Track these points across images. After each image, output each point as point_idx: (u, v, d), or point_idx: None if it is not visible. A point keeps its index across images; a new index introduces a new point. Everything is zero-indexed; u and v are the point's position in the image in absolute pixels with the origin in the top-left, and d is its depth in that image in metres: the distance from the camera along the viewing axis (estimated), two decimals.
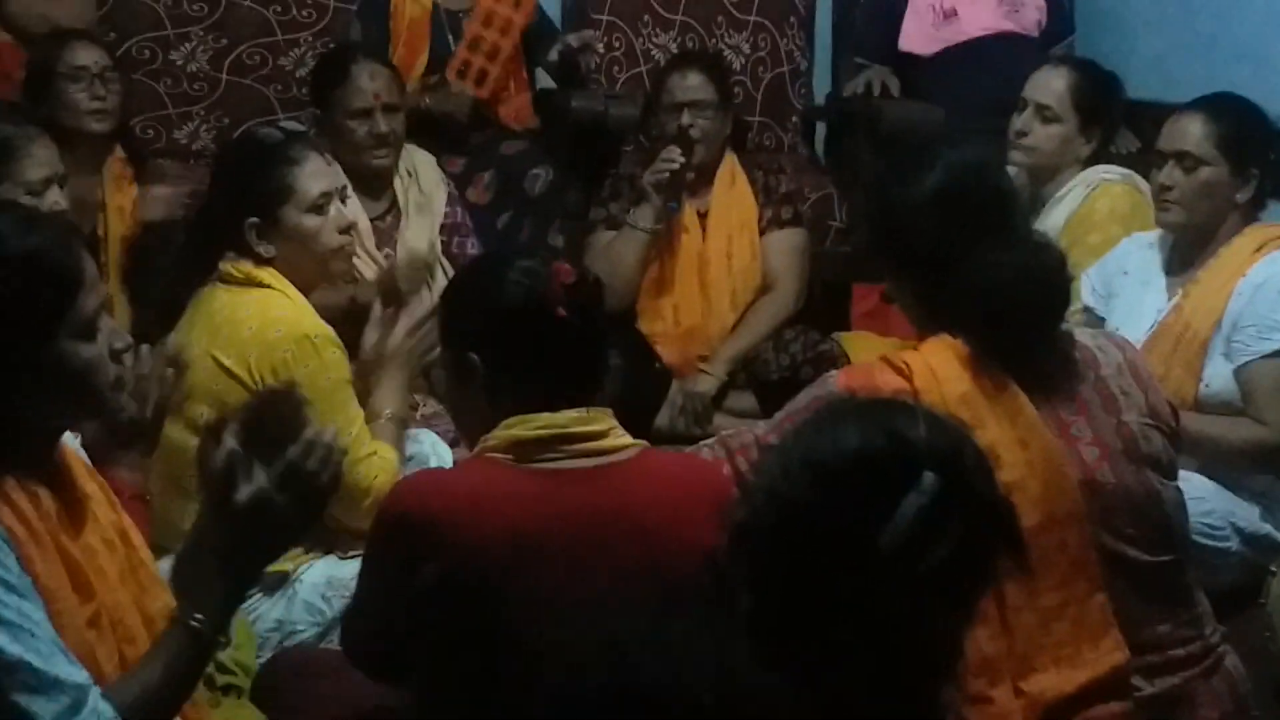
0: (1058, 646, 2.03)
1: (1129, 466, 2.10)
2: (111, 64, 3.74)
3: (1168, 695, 2.10)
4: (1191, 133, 2.98)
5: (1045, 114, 3.49)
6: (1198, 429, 2.72)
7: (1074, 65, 3.57)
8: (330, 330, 2.58)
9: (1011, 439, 2.05)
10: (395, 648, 1.87)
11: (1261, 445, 2.84)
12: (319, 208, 2.61)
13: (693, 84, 3.81)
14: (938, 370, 2.09)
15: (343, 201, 2.71)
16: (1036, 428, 2.07)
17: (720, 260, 3.79)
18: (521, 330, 1.89)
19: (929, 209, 2.14)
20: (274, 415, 1.65)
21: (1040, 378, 2.11)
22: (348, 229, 2.68)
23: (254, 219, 2.58)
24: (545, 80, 4.53)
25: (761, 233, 3.84)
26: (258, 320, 2.53)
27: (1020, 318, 2.09)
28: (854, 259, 4.25)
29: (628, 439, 1.91)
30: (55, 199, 2.88)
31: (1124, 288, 3.03)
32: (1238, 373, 2.89)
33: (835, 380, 2.15)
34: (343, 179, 2.82)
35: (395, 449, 2.58)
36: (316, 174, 2.63)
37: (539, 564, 1.79)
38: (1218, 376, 2.91)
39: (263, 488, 1.60)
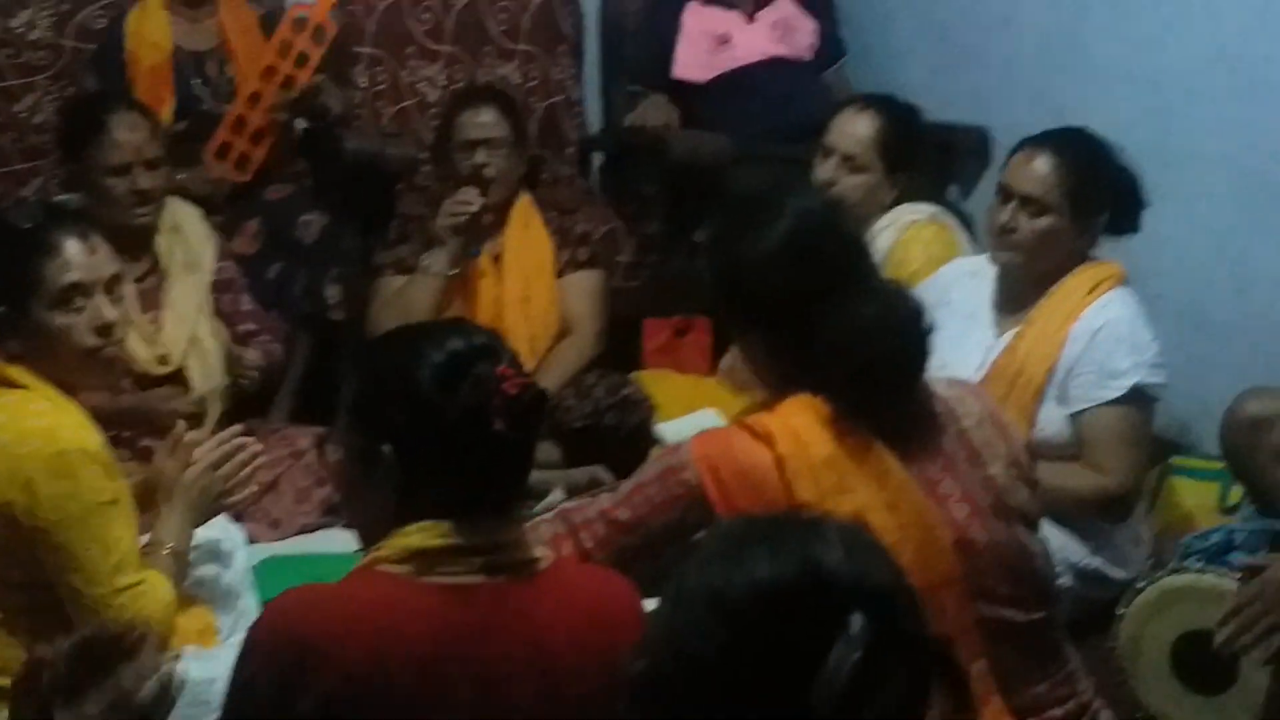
0: None
1: (999, 523, 2.02)
2: None
3: None
4: (1041, 177, 2.89)
5: (852, 163, 3.40)
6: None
7: (878, 109, 3.46)
8: (94, 442, 2.25)
9: (881, 503, 1.94)
10: None
11: (1102, 493, 2.82)
12: (68, 303, 2.30)
13: (485, 121, 3.63)
14: (800, 433, 1.96)
15: (111, 292, 2.36)
16: (906, 489, 1.96)
17: (517, 305, 3.62)
18: (451, 436, 1.63)
19: (779, 262, 2.01)
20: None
21: (905, 434, 2.00)
22: (107, 329, 2.33)
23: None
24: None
25: (559, 274, 3.68)
26: (10, 432, 2.21)
27: (884, 372, 1.98)
28: (643, 294, 4.14)
29: (539, 550, 1.71)
30: None
31: (947, 320, 2.93)
32: (1075, 420, 2.86)
33: (688, 450, 2.00)
34: (111, 267, 2.39)
35: (169, 581, 2.28)
36: (70, 265, 2.30)
37: (441, 693, 1.58)
38: (1051, 421, 2.87)
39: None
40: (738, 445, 1.98)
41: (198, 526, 2.41)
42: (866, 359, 1.96)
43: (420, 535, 1.63)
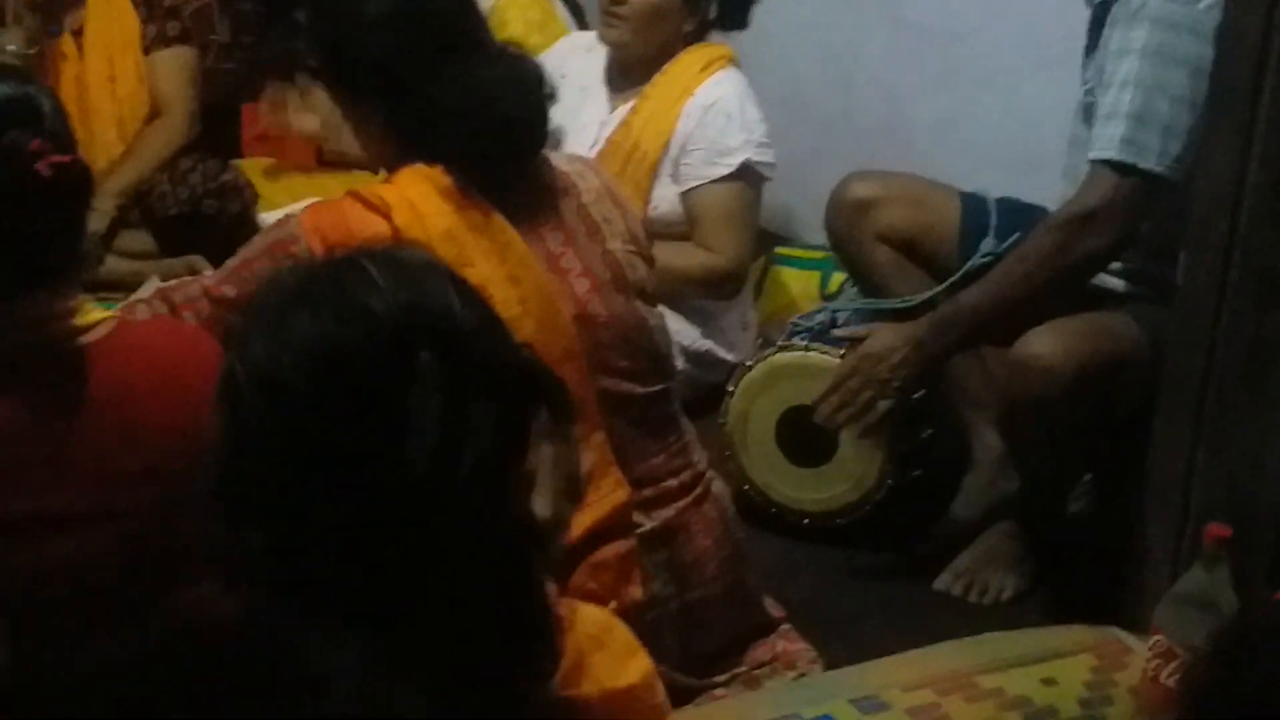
0: None
1: (618, 297, 2.01)
2: None
3: (665, 528, 2.05)
4: None
5: None
6: None
7: None
8: None
9: (502, 275, 1.89)
10: None
11: (712, 271, 2.85)
12: None
13: None
14: (418, 204, 1.88)
15: None
16: (527, 262, 1.92)
17: (102, 84, 3.33)
18: None
19: (389, 25, 1.91)
20: None
21: (525, 206, 1.96)
22: None
23: None
24: None
25: (146, 51, 3.41)
26: None
27: (505, 138, 1.93)
28: (241, 77, 3.90)
29: (99, 313, 1.56)
30: None
31: (564, 93, 2.89)
32: (685, 197, 2.87)
33: (299, 222, 1.89)
34: None
35: None
36: None
37: (13, 478, 1.44)
38: (664, 199, 2.88)
39: None
40: (352, 217, 1.88)
41: None
42: (490, 125, 1.90)
43: None
